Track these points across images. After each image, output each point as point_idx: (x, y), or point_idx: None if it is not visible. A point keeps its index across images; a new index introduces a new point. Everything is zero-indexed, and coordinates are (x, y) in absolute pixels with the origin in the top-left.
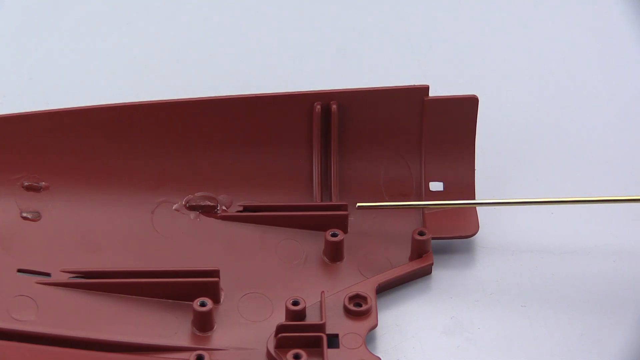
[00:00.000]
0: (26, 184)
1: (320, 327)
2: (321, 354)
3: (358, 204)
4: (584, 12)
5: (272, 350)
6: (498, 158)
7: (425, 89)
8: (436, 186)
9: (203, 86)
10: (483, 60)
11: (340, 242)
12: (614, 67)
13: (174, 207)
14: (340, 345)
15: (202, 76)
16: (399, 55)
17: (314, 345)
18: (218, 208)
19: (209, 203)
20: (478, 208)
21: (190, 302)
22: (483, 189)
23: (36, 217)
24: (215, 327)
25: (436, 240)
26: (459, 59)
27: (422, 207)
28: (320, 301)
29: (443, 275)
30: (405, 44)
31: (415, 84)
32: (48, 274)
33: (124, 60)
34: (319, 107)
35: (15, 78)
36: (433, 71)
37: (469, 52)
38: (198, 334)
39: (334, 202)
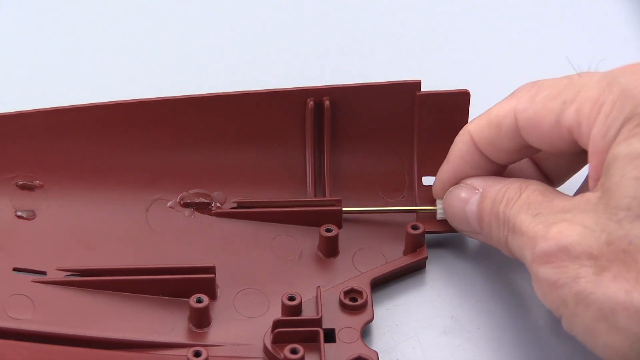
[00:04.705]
0: (20, 182)
1: (317, 322)
2: (318, 349)
3: (343, 209)
4: (583, 11)
5: (269, 345)
6: None
7: (418, 83)
8: (429, 181)
9: (195, 83)
10: (481, 59)
11: (335, 237)
12: (614, 67)
13: (169, 204)
14: (337, 340)
15: (194, 73)
16: (392, 51)
17: (310, 340)
18: (212, 205)
19: (203, 200)
20: None
21: (187, 299)
22: None
23: (31, 216)
24: (211, 323)
25: (430, 235)
26: (455, 59)
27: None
28: (316, 296)
29: (443, 275)
30: (400, 41)
31: (408, 79)
32: (44, 273)
33: (118, 59)
34: (311, 103)
35: (15, 78)
36: (428, 68)
37: (467, 51)
38: (195, 330)
39: (327, 198)
